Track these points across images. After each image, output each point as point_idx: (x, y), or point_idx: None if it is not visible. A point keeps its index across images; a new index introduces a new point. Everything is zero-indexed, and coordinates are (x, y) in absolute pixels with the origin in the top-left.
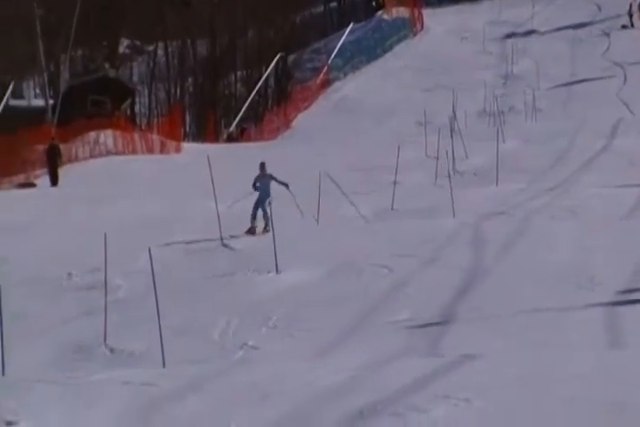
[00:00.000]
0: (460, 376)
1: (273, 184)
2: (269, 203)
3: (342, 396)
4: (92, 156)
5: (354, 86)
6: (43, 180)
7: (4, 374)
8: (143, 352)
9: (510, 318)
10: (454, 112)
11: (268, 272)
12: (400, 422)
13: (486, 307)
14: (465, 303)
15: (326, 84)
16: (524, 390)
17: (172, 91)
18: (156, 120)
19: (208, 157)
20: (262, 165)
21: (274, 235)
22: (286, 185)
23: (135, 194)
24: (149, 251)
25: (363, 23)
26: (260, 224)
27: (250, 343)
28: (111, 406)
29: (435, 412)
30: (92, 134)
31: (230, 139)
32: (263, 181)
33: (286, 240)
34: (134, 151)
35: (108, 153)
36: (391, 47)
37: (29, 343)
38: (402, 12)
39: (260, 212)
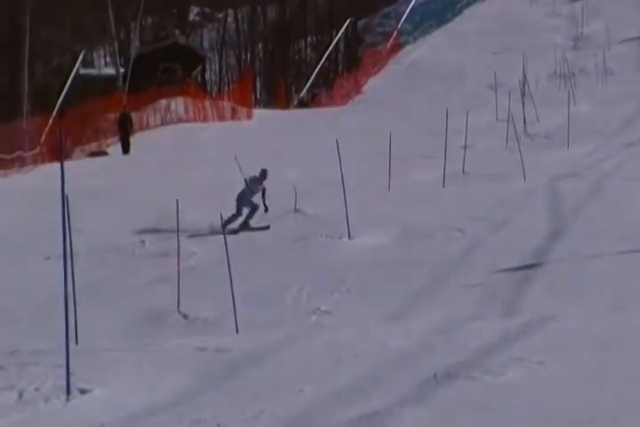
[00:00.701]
0: (535, 339)
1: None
2: (252, 212)
3: (416, 359)
4: (163, 123)
5: (424, 50)
6: (114, 148)
7: (77, 342)
8: (217, 319)
9: (587, 280)
10: (525, 75)
11: (341, 237)
12: (474, 385)
13: (561, 269)
14: (539, 266)
15: (396, 48)
16: (601, 352)
17: (243, 57)
18: (226, 87)
19: (280, 124)
20: (264, 173)
21: (345, 200)
22: (265, 206)
23: (207, 161)
24: (221, 217)
25: None
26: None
27: (323, 308)
28: (186, 372)
29: (509, 375)
30: (163, 102)
31: (301, 105)
32: (255, 187)
33: (358, 205)
34: (205, 118)
35: (179, 120)
36: (461, 11)
37: (103, 311)
38: None
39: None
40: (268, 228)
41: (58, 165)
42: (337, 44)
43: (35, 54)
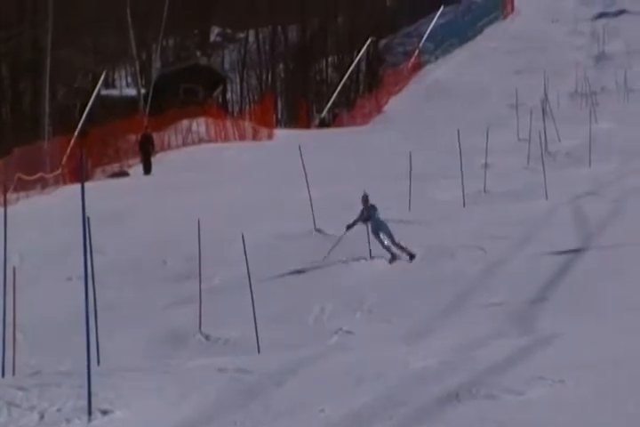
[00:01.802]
0: (555, 357)
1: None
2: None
3: (437, 379)
4: (184, 144)
5: (445, 69)
6: (136, 169)
7: (99, 363)
8: (238, 339)
9: (606, 299)
10: (546, 94)
11: (362, 258)
12: (495, 404)
13: (581, 288)
14: (560, 285)
15: (418, 67)
16: (620, 371)
17: (264, 77)
18: (247, 107)
19: (300, 147)
20: (365, 198)
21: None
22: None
23: (228, 181)
24: (242, 238)
25: (453, 6)
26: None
27: (345, 328)
28: (207, 393)
29: (530, 394)
30: (185, 122)
31: (322, 124)
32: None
33: None
34: (227, 138)
35: (201, 141)
36: (482, 29)
37: (124, 332)
38: None
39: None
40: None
41: (79, 186)
42: (358, 63)
43: (56, 76)
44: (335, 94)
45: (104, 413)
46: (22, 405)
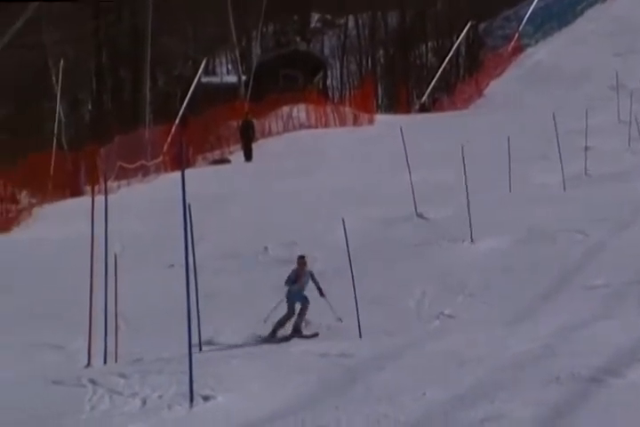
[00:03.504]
0: None
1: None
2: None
3: (539, 362)
4: (285, 130)
5: (546, 52)
6: (237, 155)
7: (200, 349)
8: (341, 324)
9: None
10: None
11: (463, 241)
12: (597, 387)
13: None
14: None
15: (518, 51)
16: None
17: (364, 63)
18: (348, 93)
19: (401, 128)
20: (302, 259)
21: (468, 203)
22: (320, 289)
23: (329, 167)
24: (343, 222)
25: None
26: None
27: (446, 312)
28: (309, 378)
29: (632, 376)
30: (285, 109)
31: (422, 109)
32: (303, 280)
33: (480, 209)
34: (327, 124)
35: (301, 127)
36: (582, 12)
37: (227, 318)
38: None
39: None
40: (317, 335)
41: (180, 173)
42: (458, 47)
43: (156, 63)
44: (435, 79)
45: (205, 399)
46: (124, 392)
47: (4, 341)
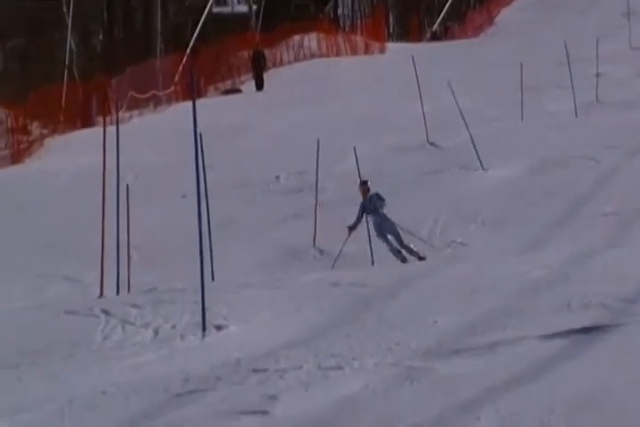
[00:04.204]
0: None
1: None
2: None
3: (550, 289)
4: (296, 59)
5: None
6: (248, 85)
7: (213, 279)
8: (353, 253)
9: None
10: None
11: (476, 169)
12: (609, 313)
13: None
14: None
15: None
16: None
17: None
18: (359, 21)
19: (412, 57)
20: (364, 185)
21: (470, 134)
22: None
23: (341, 96)
24: (355, 151)
25: None
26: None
27: (458, 240)
28: (321, 307)
29: None
30: (296, 38)
31: (434, 38)
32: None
33: (492, 137)
34: (338, 53)
35: (313, 56)
36: None
37: (238, 248)
38: None
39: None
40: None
41: (192, 103)
42: None
43: None
44: (446, 7)
45: (218, 328)
46: (137, 322)
47: (17, 272)
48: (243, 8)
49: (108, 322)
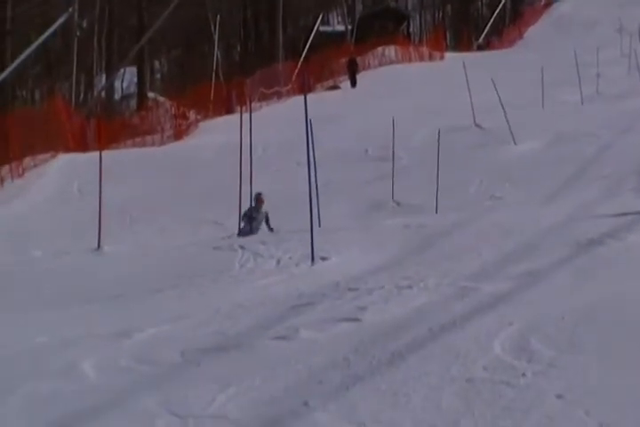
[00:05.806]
0: None
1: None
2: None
3: (564, 231)
4: (380, 64)
5: (568, 6)
6: (345, 83)
7: (320, 224)
8: (421, 204)
9: None
10: None
11: (509, 143)
12: (605, 248)
13: None
14: None
15: (548, 5)
16: None
17: (436, 15)
18: (425, 37)
19: (464, 62)
20: (257, 196)
21: (505, 118)
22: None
23: (411, 90)
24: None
25: None
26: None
27: (496, 195)
28: (396, 243)
29: (630, 239)
30: (380, 49)
31: (479, 48)
32: (257, 218)
33: (522, 120)
34: (410, 60)
35: (391, 62)
36: None
37: (337, 202)
38: None
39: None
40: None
41: (303, 96)
42: (504, 3)
43: (287, 17)
44: (488, 26)
45: (323, 259)
46: (264, 254)
47: (179, 218)
48: (341, 27)
49: (243, 255)
